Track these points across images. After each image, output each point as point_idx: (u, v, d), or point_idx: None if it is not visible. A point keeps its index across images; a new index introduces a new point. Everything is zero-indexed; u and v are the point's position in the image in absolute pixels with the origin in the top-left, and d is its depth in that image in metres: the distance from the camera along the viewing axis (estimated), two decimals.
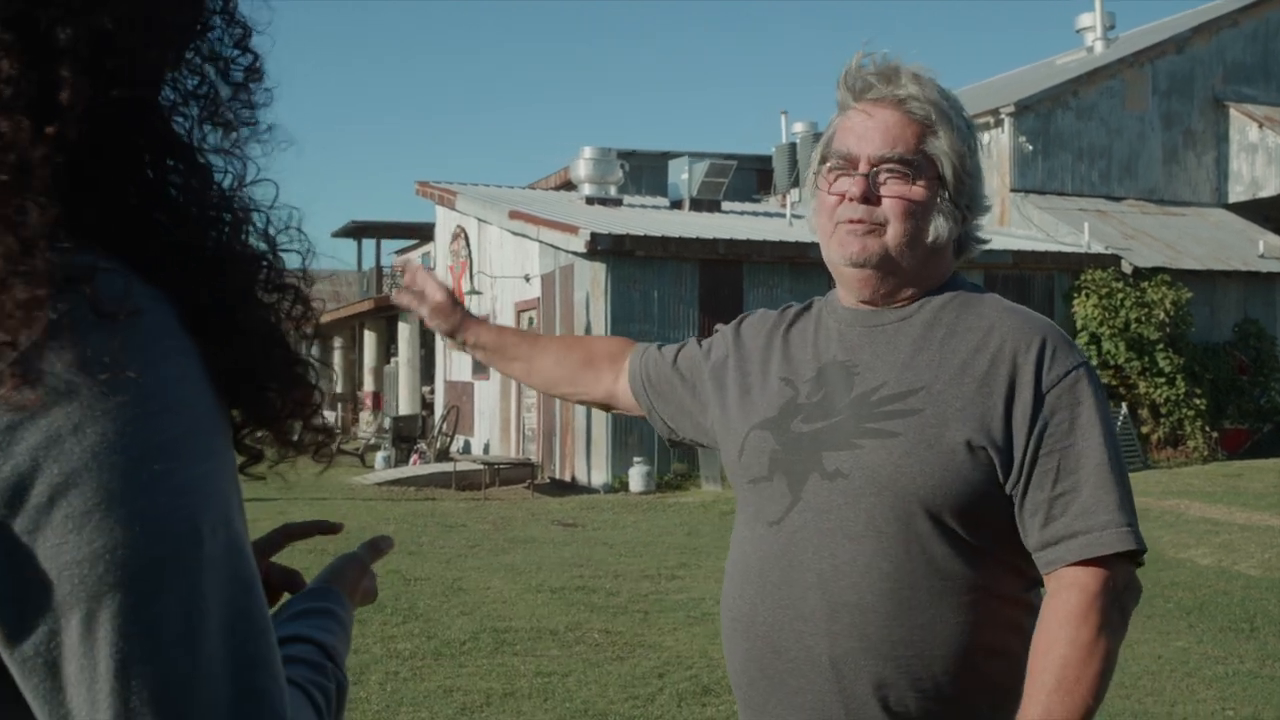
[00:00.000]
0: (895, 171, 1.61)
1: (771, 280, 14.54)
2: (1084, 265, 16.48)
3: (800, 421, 1.65)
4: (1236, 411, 16.60)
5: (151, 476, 0.70)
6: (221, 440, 0.77)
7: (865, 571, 1.54)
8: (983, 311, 1.64)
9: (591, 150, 18.74)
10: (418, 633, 6.48)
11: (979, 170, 1.70)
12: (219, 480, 0.74)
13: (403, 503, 13.57)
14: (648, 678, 5.55)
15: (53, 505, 0.68)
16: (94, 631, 0.68)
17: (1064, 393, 1.55)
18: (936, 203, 1.62)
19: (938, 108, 1.64)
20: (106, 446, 0.69)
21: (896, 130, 1.62)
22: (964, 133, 1.66)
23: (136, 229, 0.78)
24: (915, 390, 1.58)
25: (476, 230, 19.20)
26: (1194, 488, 12.88)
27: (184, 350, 0.75)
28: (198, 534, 0.71)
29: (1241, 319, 17.35)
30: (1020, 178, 18.90)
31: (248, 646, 0.73)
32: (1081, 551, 1.49)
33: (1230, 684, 5.54)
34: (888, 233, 1.61)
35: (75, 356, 0.69)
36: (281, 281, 0.85)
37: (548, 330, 16.02)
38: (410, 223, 31.72)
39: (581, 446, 14.91)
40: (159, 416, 0.71)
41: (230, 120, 0.83)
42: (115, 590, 0.68)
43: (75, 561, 0.68)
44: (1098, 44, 22.55)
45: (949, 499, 1.53)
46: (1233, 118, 20.06)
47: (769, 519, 1.64)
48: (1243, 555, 8.92)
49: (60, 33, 0.73)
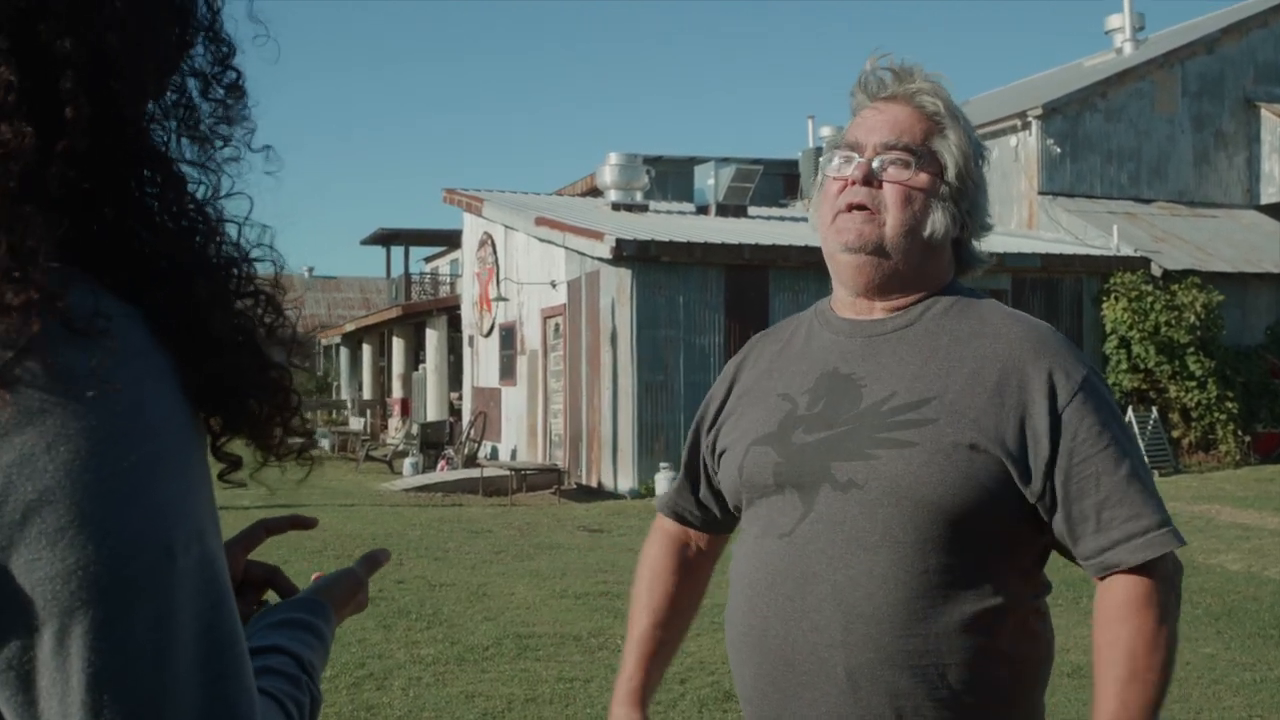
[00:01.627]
0: (899, 159, 1.62)
1: (798, 285, 14.52)
2: (1113, 268, 16.36)
3: (801, 433, 1.64)
4: (1269, 415, 16.42)
5: (124, 495, 0.71)
6: (195, 457, 0.78)
7: (881, 582, 1.54)
8: (985, 318, 1.64)
9: (617, 156, 18.77)
10: (441, 638, 6.51)
11: (984, 182, 1.70)
12: (191, 497, 0.76)
13: (430, 508, 13.63)
14: (669, 683, 5.55)
15: (26, 522, 0.69)
16: (66, 646, 0.69)
17: (1084, 402, 1.56)
18: (938, 193, 1.63)
19: (947, 106, 1.66)
20: (80, 465, 0.70)
21: (905, 122, 1.64)
22: (973, 141, 1.67)
23: (110, 240, 0.80)
24: (928, 400, 1.58)
25: (503, 237, 19.27)
26: (1225, 492, 12.76)
27: (158, 368, 0.76)
28: (170, 551, 0.72)
29: (1274, 321, 17.18)
30: (1048, 180, 18.79)
31: (218, 659, 0.75)
32: (1141, 554, 1.51)
33: (1258, 691, 5.49)
34: (886, 221, 1.62)
35: (50, 373, 0.70)
36: (253, 288, 0.86)
37: (573, 335, 16.06)
38: (437, 230, 31.90)
39: (608, 453, 14.93)
40: (132, 436, 0.72)
41: (207, 135, 0.84)
42: (87, 606, 0.69)
43: (48, 578, 0.69)
44: (1126, 45, 22.39)
45: (966, 507, 1.53)
46: (1264, 118, 19.87)
47: (779, 532, 1.63)
48: (1273, 560, 8.82)
49: (61, 45, 0.74)
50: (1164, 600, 1.52)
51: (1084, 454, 1.53)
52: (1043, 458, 1.54)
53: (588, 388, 15.56)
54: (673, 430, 14.25)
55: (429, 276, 35.69)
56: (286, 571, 1.16)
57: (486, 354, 20.29)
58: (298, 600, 1.09)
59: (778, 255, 14.64)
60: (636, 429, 14.27)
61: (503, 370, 19.27)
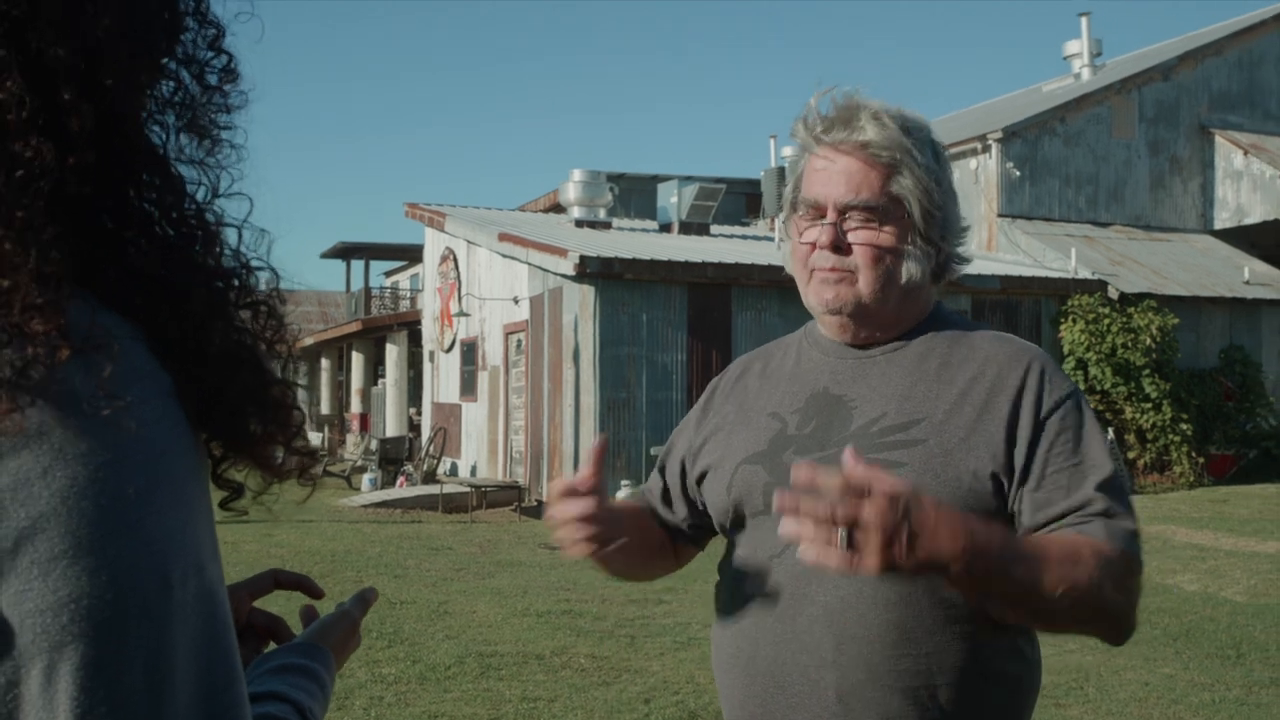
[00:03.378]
0: (862, 219, 1.61)
1: (760, 304, 14.56)
2: (1071, 291, 16.56)
3: (793, 453, 1.64)
4: (1222, 437, 16.66)
5: (121, 524, 0.67)
6: (196, 485, 0.74)
7: (872, 602, 1.53)
8: (975, 342, 1.66)
9: (581, 173, 18.78)
10: (403, 657, 6.44)
11: (952, 195, 1.68)
12: (191, 527, 0.72)
13: (389, 525, 13.52)
14: (634, 703, 5.52)
15: (18, 550, 0.65)
16: (54, 683, 0.66)
17: (1065, 415, 1.57)
18: (907, 245, 1.62)
19: (900, 147, 1.62)
20: (76, 492, 0.66)
21: (860, 176, 1.61)
22: (930, 167, 1.64)
23: (106, 251, 0.76)
24: (917, 421, 1.58)
25: (465, 252, 19.20)
26: (1180, 513, 12.90)
27: (160, 389, 0.73)
28: (167, 584, 0.69)
29: (1227, 345, 17.43)
30: (1007, 203, 18.99)
31: (214, 700, 0.71)
32: (1101, 529, 1.50)
33: (1217, 711, 5.53)
34: (859, 280, 1.62)
35: (49, 394, 0.67)
36: (253, 299, 0.82)
37: (535, 351, 16.02)
38: (399, 244, 31.76)
39: (569, 469, 14.87)
40: (132, 462, 0.69)
41: (206, 126, 0.80)
42: (79, 641, 0.66)
43: (39, 610, 0.65)
44: (1085, 71, 22.72)
45: None
46: (1218, 145, 20.21)
47: (769, 553, 1.62)
48: (1229, 581, 8.93)
49: (54, 52, 0.70)
50: (1119, 575, 1.47)
51: (1058, 465, 1.54)
52: (1020, 466, 1.55)
53: (549, 404, 15.52)
54: (635, 448, 14.23)
55: (389, 291, 35.50)
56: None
57: (447, 369, 20.19)
58: (296, 645, 1.06)
59: (740, 274, 14.68)
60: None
61: (464, 386, 19.18)
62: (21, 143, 0.68)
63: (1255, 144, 19.97)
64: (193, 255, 0.79)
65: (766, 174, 20.87)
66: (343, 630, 1.12)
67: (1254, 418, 17.04)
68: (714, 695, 1.74)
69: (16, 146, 0.68)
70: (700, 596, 8.06)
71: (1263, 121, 20.75)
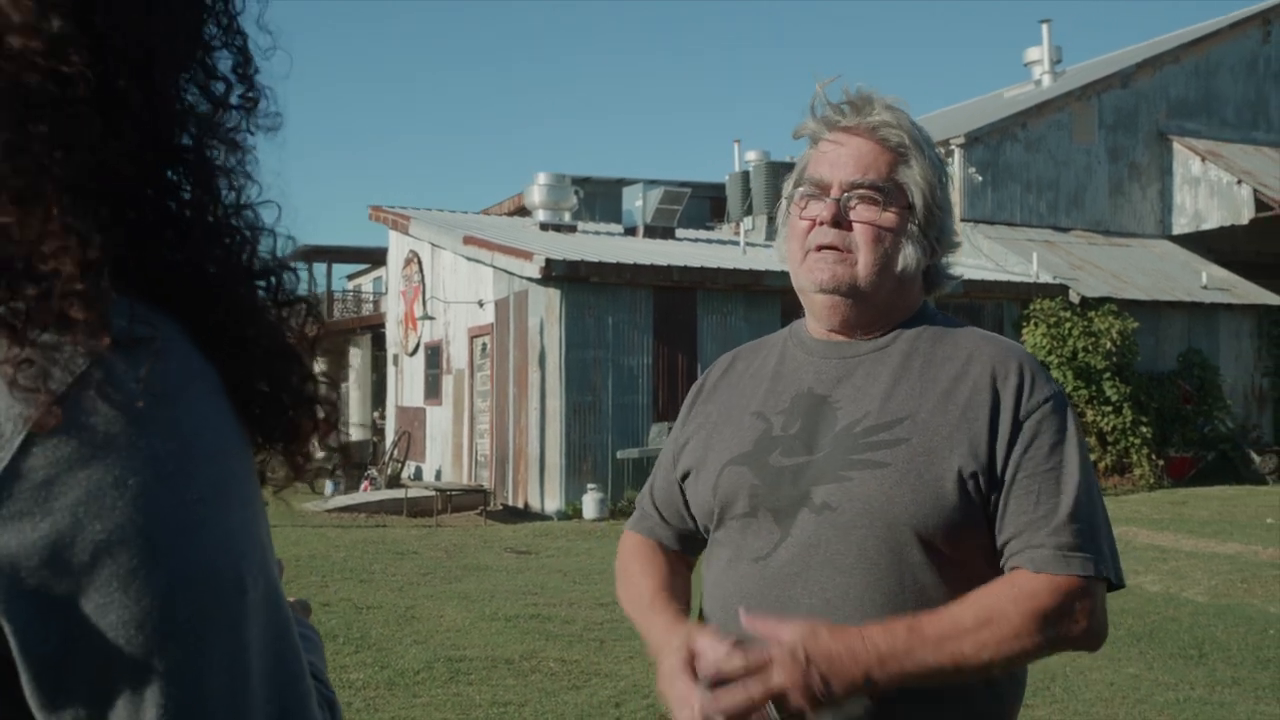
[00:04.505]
0: (866, 198, 1.61)
1: (725, 308, 14.59)
2: (1032, 295, 16.72)
3: (779, 455, 1.63)
4: (1181, 440, 16.87)
5: (195, 527, 0.67)
6: (254, 482, 0.74)
7: (857, 604, 1.52)
8: (960, 340, 1.65)
9: (546, 176, 18.74)
10: (370, 662, 6.39)
11: (949, 204, 1.70)
12: (256, 525, 0.72)
13: (353, 529, 13.42)
14: (604, 707, 5.51)
15: (96, 564, 0.64)
16: (141, 695, 0.65)
17: (1044, 419, 1.55)
18: (907, 230, 1.62)
19: (911, 136, 1.64)
20: (149, 499, 0.66)
21: (869, 157, 1.62)
22: (936, 165, 1.66)
23: (148, 244, 0.75)
24: (900, 420, 1.57)
25: (430, 255, 19.12)
26: (1141, 515, 13.05)
27: (211, 387, 0.72)
28: (241, 584, 0.69)
29: (1185, 349, 17.65)
30: (970, 208, 19.14)
31: (286, 692, 0.71)
32: (1041, 565, 1.48)
33: (1181, 710, 5.60)
34: (858, 260, 1.61)
35: (110, 400, 0.66)
36: (293, 298, 0.82)
37: (501, 355, 15.98)
38: (362, 247, 31.56)
39: (535, 473, 14.84)
40: (197, 463, 0.69)
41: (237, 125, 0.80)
42: (162, 652, 0.66)
43: (122, 622, 0.65)
44: (1045, 77, 22.97)
45: (940, 527, 1.52)
46: (1176, 151, 20.47)
47: (754, 556, 1.61)
48: (1190, 582, 9.03)
49: (117, 35, 0.70)
50: (1054, 606, 1.46)
51: (1030, 469, 1.53)
52: (999, 467, 1.54)
53: (515, 408, 15.47)
54: (600, 451, 14.22)
55: (352, 294, 35.29)
56: None
57: (411, 373, 20.08)
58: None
59: (706, 277, 14.71)
60: (564, 449, 14.21)
61: (428, 390, 19.09)
62: (78, 122, 0.68)
63: (1212, 150, 20.24)
64: (232, 253, 0.79)
65: (731, 178, 20.94)
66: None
67: (1212, 420, 17.28)
68: None
69: (72, 125, 0.67)
70: None
71: (1219, 128, 21.04)
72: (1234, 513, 13.08)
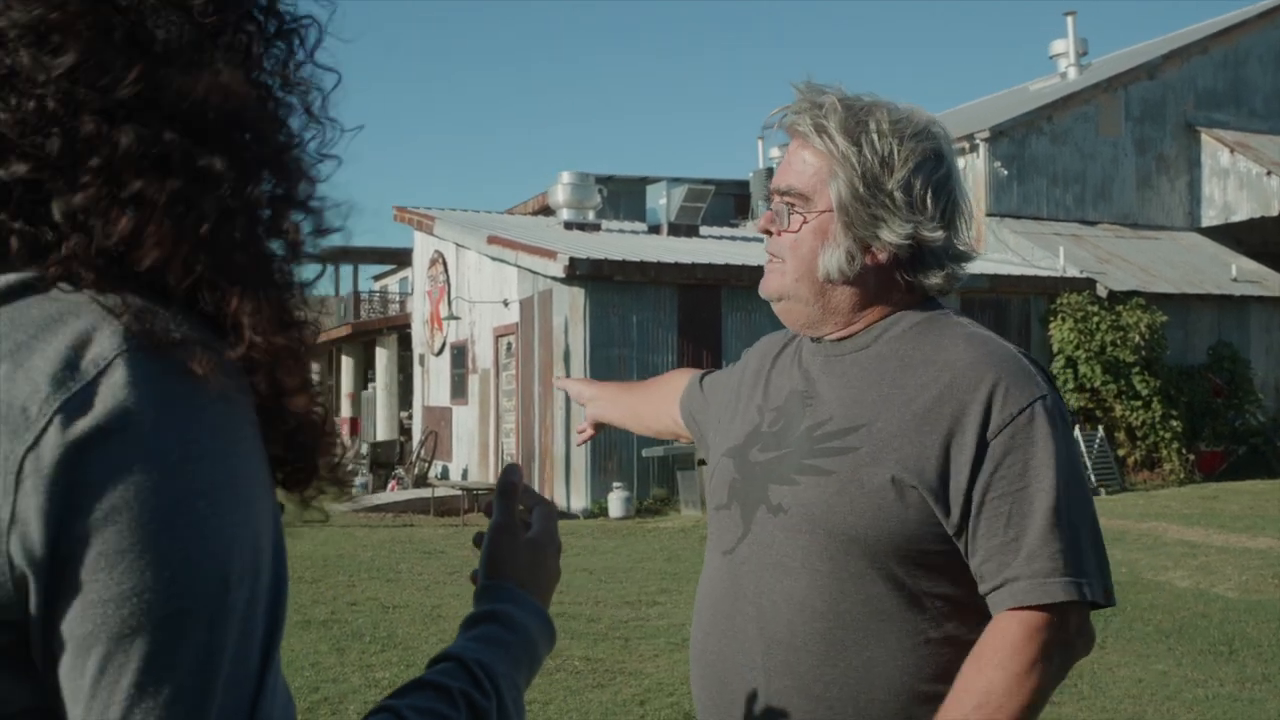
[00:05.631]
0: (788, 204, 1.60)
1: (750, 305, 14.57)
2: (1059, 289, 16.61)
3: (758, 451, 1.64)
4: (1212, 434, 16.71)
5: (187, 521, 0.69)
6: (261, 487, 0.76)
7: (799, 609, 1.51)
8: (940, 343, 1.56)
9: (570, 175, 18.76)
10: (397, 661, 6.43)
11: (917, 187, 1.54)
12: (253, 528, 0.73)
13: (381, 529, 13.49)
14: (629, 705, 5.52)
15: (88, 542, 0.67)
16: (108, 673, 0.67)
17: (1016, 433, 1.46)
18: (827, 234, 1.56)
19: (845, 130, 1.55)
20: (149, 487, 0.68)
21: (797, 162, 1.59)
22: (883, 155, 1.54)
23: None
24: (857, 427, 1.53)
25: (455, 255, 19.18)
26: (1171, 510, 12.94)
27: (236, 389, 0.74)
28: (225, 583, 0.71)
29: (1215, 342, 17.50)
30: (996, 202, 19.03)
31: (242, 703, 0.72)
32: (1020, 597, 1.43)
33: (1210, 707, 5.55)
34: (786, 269, 1.61)
35: (123, 391, 0.69)
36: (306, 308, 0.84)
37: (526, 354, 16.01)
38: (388, 248, 31.70)
39: (561, 472, 14.87)
40: (201, 460, 0.71)
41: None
42: (137, 634, 0.68)
43: (102, 600, 0.67)
44: (1071, 70, 22.78)
45: (882, 539, 1.48)
46: (1204, 143, 20.29)
47: (723, 548, 1.65)
48: (1220, 577, 8.95)
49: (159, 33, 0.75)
50: (1046, 649, 1.42)
51: (1000, 489, 1.45)
52: (960, 490, 1.47)
53: (540, 407, 15.50)
54: (625, 449, 14.23)
55: (378, 294, 35.46)
56: None
57: (438, 373, 20.15)
58: (476, 592, 1.03)
59: (730, 275, 14.69)
60: (589, 448, 14.22)
61: (454, 389, 19.15)
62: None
63: (1241, 142, 20.05)
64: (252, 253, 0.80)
65: (755, 175, 20.90)
66: (507, 548, 1.05)
67: (1243, 414, 17.10)
68: None
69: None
70: (693, 599, 8.04)
71: (1248, 119, 20.84)
72: (1266, 507, 12.96)
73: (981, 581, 1.47)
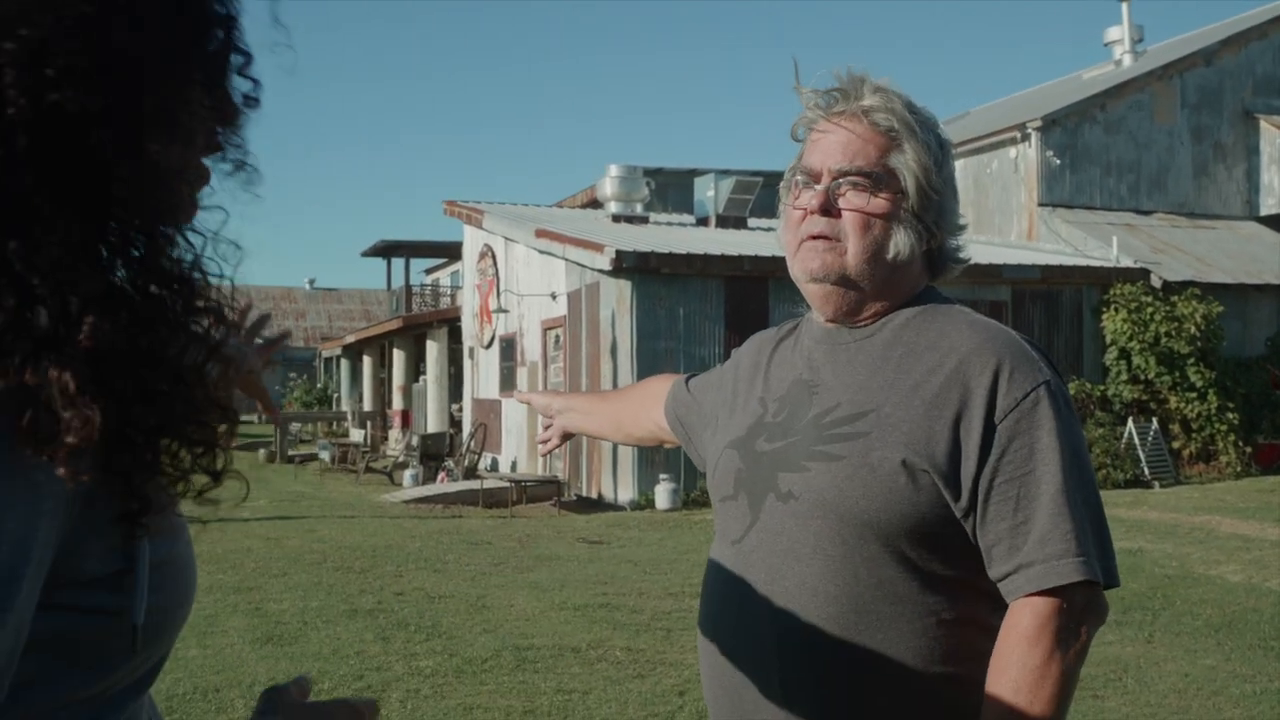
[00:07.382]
0: (855, 184, 1.59)
1: (797, 296, 14.17)
2: (1113, 279, 16.38)
3: (764, 441, 1.64)
4: (1270, 426, 16.42)
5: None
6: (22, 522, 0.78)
7: (813, 595, 1.52)
8: (944, 329, 1.59)
9: (617, 168, 18.80)
10: (440, 650, 6.50)
11: (950, 186, 1.65)
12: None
13: (429, 520, 13.62)
14: (668, 695, 5.54)
15: None
16: None
17: (1022, 418, 1.49)
18: (899, 216, 1.59)
19: (902, 120, 1.60)
20: None
21: (858, 143, 1.60)
22: (932, 147, 1.61)
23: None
24: (865, 413, 1.55)
25: (503, 249, 19.29)
26: (1226, 503, 12.74)
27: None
28: None
29: (1274, 333, 17.19)
30: (1048, 192, 18.82)
31: None
32: (1036, 582, 1.45)
33: (1258, 702, 5.47)
34: (848, 249, 1.59)
35: None
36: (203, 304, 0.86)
37: (573, 347, 16.08)
38: (438, 241, 31.95)
39: (608, 464, 14.93)
40: None
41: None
42: None
43: None
44: (1126, 57, 22.46)
45: (894, 523, 1.49)
46: (1263, 130, 19.91)
47: (731, 538, 1.64)
48: (1274, 572, 8.81)
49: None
50: (1061, 633, 1.44)
51: (1008, 474, 1.47)
52: (969, 474, 1.48)
53: None
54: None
55: (429, 288, 35.75)
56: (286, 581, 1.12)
57: (487, 365, 20.29)
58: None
59: (778, 267, 14.57)
60: None
61: (503, 382, 19.27)
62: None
63: None
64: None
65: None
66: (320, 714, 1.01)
67: None
68: None
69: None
70: None
71: None
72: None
73: (991, 565, 1.49)
